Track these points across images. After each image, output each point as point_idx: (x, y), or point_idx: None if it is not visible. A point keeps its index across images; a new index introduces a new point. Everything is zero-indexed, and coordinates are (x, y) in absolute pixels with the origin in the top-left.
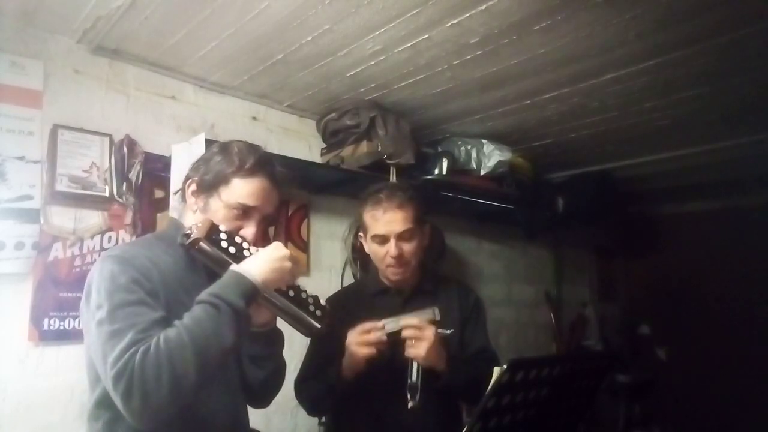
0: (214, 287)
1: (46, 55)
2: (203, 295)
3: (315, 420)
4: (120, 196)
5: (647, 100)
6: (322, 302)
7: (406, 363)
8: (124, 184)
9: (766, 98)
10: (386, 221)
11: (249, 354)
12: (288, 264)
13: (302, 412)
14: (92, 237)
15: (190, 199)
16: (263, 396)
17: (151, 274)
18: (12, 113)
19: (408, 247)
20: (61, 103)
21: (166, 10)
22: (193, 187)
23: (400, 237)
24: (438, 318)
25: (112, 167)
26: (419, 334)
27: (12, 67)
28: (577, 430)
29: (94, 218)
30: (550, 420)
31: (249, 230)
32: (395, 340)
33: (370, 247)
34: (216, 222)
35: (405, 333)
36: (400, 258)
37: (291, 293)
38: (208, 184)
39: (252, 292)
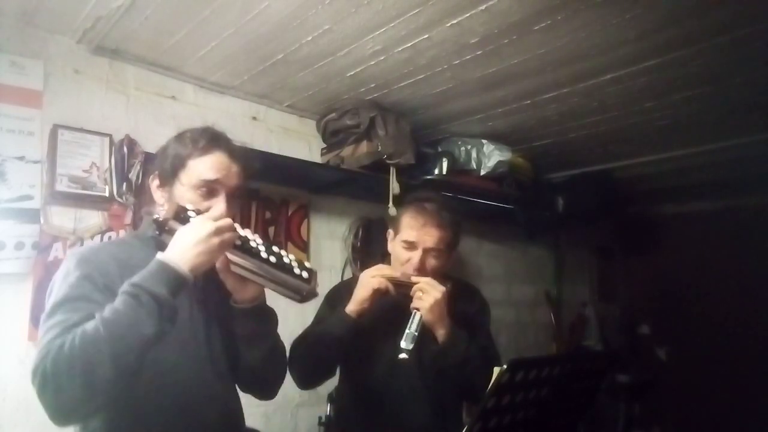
0: (136, 277)
1: (46, 55)
2: (124, 285)
3: (315, 420)
4: (120, 196)
5: (647, 100)
6: (308, 265)
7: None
8: (124, 184)
9: (766, 98)
10: (422, 232)
11: (243, 334)
12: (215, 241)
13: (302, 412)
14: (92, 237)
15: (156, 194)
16: (267, 381)
17: (109, 269)
18: (12, 113)
19: (432, 263)
20: (61, 103)
21: (166, 10)
22: (156, 181)
23: (428, 252)
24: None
25: (112, 167)
26: (428, 288)
27: (12, 67)
28: (577, 430)
29: (94, 218)
30: (550, 420)
31: (218, 207)
32: (401, 304)
33: (394, 247)
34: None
35: (416, 286)
36: (420, 271)
37: (273, 259)
38: (167, 173)
39: (177, 281)
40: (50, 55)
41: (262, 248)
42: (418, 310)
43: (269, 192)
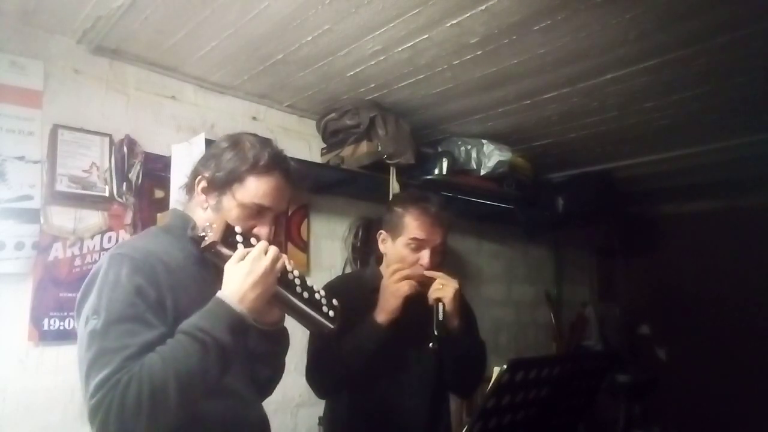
0: (201, 319)
1: (46, 55)
2: (189, 326)
3: (315, 420)
4: (120, 196)
5: (647, 100)
6: (335, 302)
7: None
8: (124, 184)
9: (766, 98)
10: (431, 231)
11: (256, 352)
12: (270, 279)
13: (302, 412)
14: (92, 237)
15: (200, 197)
16: (265, 392)
17: (159, 278)
18: (12, 113)
19: (436, 260)
20: (61, 103)
21: (166, 10)
22: (204, 184)
23: (435, 250)
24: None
25: (112, 167)
26: (446, 281)
27: (12, 67)
28: (577, 430)
29: (94, 218)
30: (550, 420)
31: (264, 229)
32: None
33: (397, 249)
34: (230, 221)
35: (437, 281)
36: (430, 269)
37: (305, 294)
38: (220, 182)
39: (240, 325)
40: (50, 55)
41: (297, 281)
42: (439, 301)
43: None
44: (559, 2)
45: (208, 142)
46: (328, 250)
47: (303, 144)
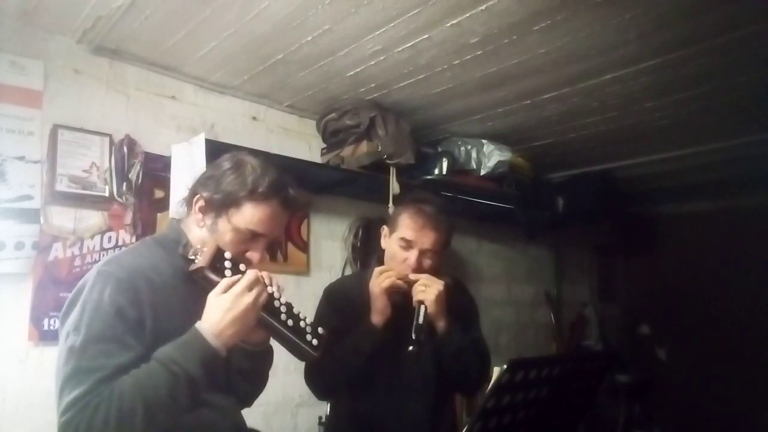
0: (176, 350)
1: (46, 55)
2: (164, 355)
3: (315, 420)
4: (120, 196)
5: (647, 100)
6: (320, 330)
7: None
8: (124, 184)
9: (767, 98)
10: (420, 233)
11: (239, 368)
12: (251, 315)
13: (302, 412)
14: (92, 237)
15: (197, 215)
16: (244, 404)
17: (141, 298)
18: (12, 113)
19: (427, 263)
20: (61, 103)
21: (166, 10)
22: (201, 203)
23: (424, 253)
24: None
25: (112, 167)
26: (429, 282)
27: (12, 67)
28: (577, 430)
29: (94, 218)
30: (550, 420)
31: (255, 255)
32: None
33: (390, 245)
34: (222, 244)
35: (418, 282)
36: (417, 270)
37: (290, 322)
38: (217, 204)
39: (214, 360)
40: (50, 55)
41: (283, 308)
42: (422, 303)
43: None
44: (559, 2)
45: (208, 142)
46: (328, 250)
47: (303, 144)
